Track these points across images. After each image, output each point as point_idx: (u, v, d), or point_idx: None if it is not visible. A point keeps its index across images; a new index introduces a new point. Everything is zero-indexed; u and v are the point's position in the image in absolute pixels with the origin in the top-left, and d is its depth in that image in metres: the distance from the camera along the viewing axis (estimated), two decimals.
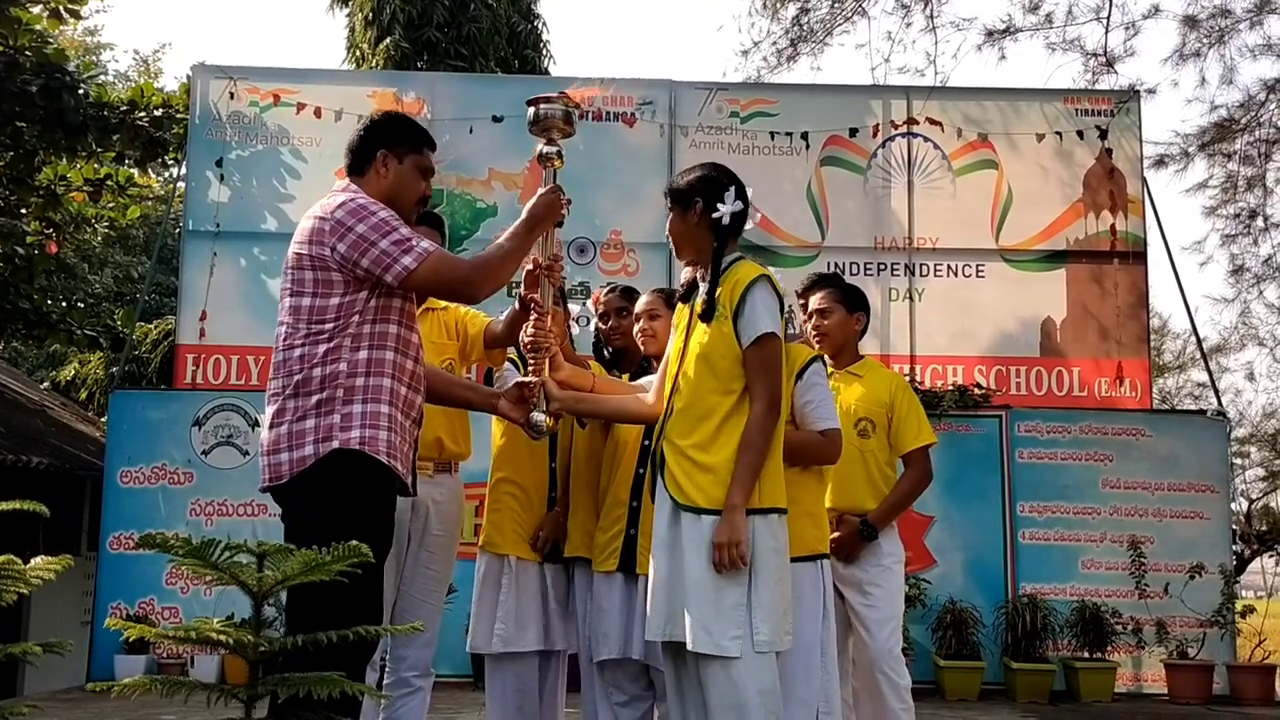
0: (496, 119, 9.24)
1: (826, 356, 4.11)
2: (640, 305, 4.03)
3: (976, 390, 8.94)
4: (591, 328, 4.54)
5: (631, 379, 4.07)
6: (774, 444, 3.18)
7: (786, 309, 3.41)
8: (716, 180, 3.33)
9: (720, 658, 2.98)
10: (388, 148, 3.19)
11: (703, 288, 3.31)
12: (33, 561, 2.22)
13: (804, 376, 3.65)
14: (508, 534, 4.08)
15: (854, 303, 4.38)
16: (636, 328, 3.97)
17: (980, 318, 9.40)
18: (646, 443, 3.83)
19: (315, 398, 2.99)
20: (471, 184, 9.39)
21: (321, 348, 3.01)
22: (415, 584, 3.92)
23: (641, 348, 3.98)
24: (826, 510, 3.78)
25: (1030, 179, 9.57)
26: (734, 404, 3.16)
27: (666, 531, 3.15)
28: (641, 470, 3.82)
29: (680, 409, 3.22)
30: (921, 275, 9.49)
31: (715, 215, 3.26)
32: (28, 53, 9.47)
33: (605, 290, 4.37)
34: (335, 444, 2.96)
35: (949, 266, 9.51)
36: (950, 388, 8.92)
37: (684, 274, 3.75)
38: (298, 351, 3.02)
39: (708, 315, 3.22)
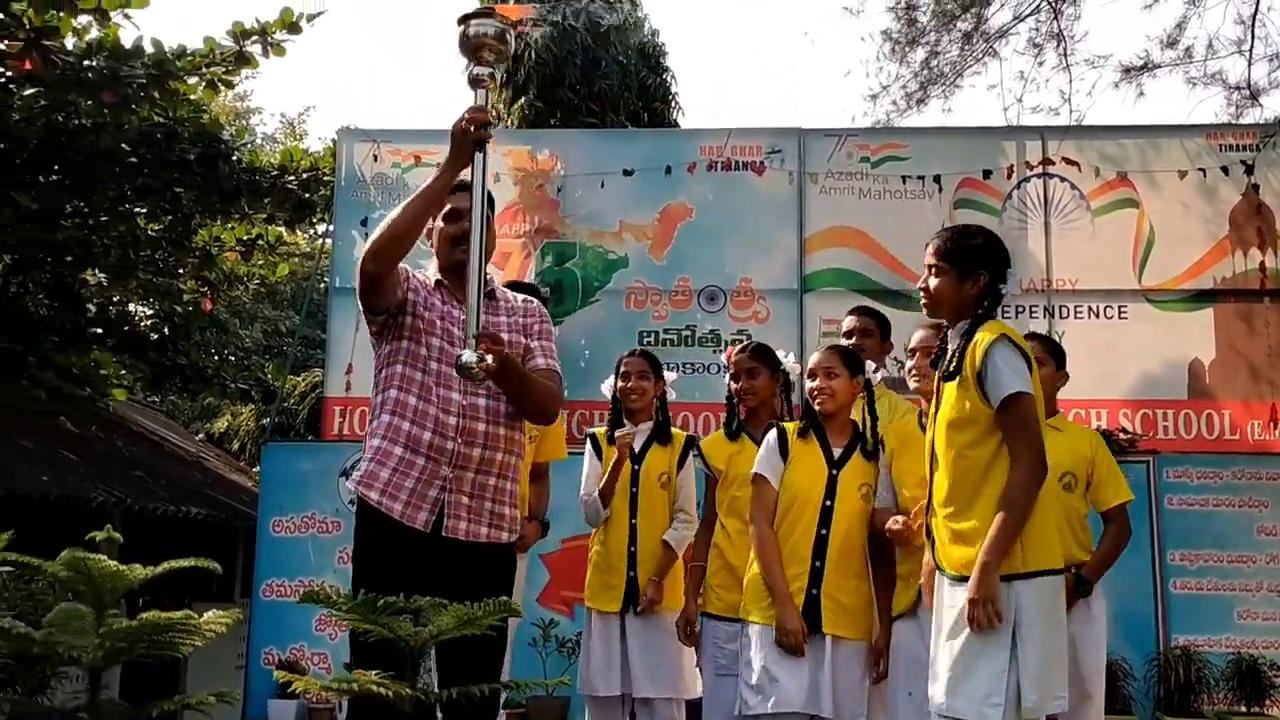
0: (627, 173, 9.41)
1: None
2: (816, 362, 3.98)
3: (1122, 435, 8.69)
4: (724, 380, 4.62)
5: (760, 437, 4.11)
6: (1041, 505, 3.10)
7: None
8: (1002, 253, 3.30)
9: None
10: None
11: (950, 349, 3.29)
12: (205, 615, 2.37)
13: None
14: (590, 588, 4.53)
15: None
16: (812, 385, 3.94)
17: (1124, 360, 9.15)
18: (829, 503, 3.85)
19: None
20: (603, 236, 9.55)
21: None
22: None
23: (818, 407, 3.94)
24: None
25: (1173, 217, 9.31)
26: (985, 468, 3.11)
27: (937, 601, 3.18)
28: (824, 531, 3.83)
29: (938, 478, 3.22)
30: (1061, 317, 9.29)
31: (1001, 289, 3.24)
32: (186, 123, 9.99)
33: (737, 349, 4.41)
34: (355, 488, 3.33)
35: (1090, 308, 9.30)
36: (1095, 432, 8.70)
37: (916, 337, 3.75)
38: None
39: (951, 378, 3.20)
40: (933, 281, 3.29)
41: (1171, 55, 9.46)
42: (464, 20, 3.24)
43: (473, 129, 3.17)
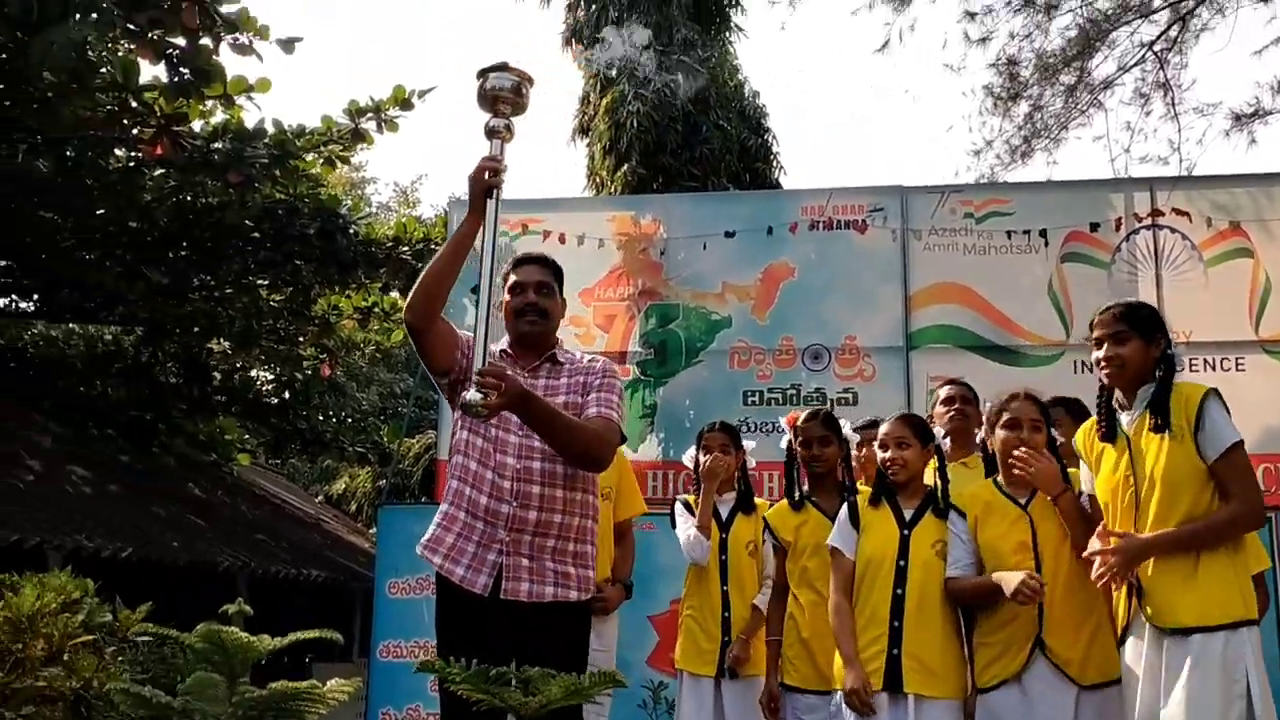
0: (729, 234, 9.51)
1: None
2: (887, 432, 4.01)
3: None
4: (783, 443, 4.60)
5: (826, 505, 4.18)
6: (1241, 550, 3.28)
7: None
8: (1163, 319, 3.61)
9: None
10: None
11: (1126, 417, 3.47)
12: (328, 684, 2.50)
13: None
14: (684, 651, 4.52)
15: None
16: (885, 455, 3.97)
17: (1242, 413, 8.69)
18: (902, 563, 3.87)
19: None
20: (706, 298, 9.63)
21: None
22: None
23: (891, 477, 3.98)
24: None
25: None
26: (1203, 519, 3.27)
27: (1153, 659, 3.25)
28: (900, 591, 3.85)
29: (1152, 531, 3.32)
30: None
31: (1170, 352, 3.50)
32: (305, 199, 10.43)
33: (805, 416, 4.47)
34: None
35: (1205, 360, 9.08)
36: None
37: (1013, 407, 3.81)
38: None
39: (1160, 430, 3.35)
40: (1123, 349, 3.47)
41: None
42: (482, 74, 3.32)
43: (485, 176, 3.31)
